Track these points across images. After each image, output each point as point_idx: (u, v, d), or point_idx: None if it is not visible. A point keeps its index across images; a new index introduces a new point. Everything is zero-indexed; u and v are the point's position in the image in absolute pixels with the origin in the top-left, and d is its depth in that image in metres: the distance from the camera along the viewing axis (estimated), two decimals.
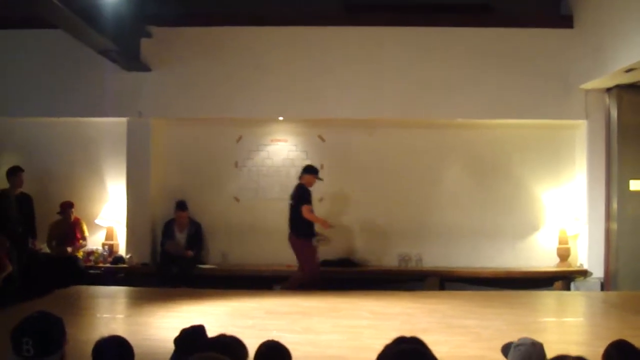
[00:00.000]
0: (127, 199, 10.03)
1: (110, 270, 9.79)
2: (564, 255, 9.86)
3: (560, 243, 9.91)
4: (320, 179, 9.31)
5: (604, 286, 9.51)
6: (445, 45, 9.87)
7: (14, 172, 9.30)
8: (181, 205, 9.84)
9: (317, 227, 9.22)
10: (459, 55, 9.83)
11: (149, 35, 9.84)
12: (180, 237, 9.84)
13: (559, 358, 2.21)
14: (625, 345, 3.43)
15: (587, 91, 9.64)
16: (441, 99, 9.83)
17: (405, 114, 9.97)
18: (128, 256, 9.93)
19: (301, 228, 9.10)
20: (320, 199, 10.06)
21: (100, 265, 9.85)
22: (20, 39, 9.85)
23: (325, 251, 9.67)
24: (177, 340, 3.48)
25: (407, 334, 3.32)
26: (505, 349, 3.45)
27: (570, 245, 9.94)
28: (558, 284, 9.73)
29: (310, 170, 9.29)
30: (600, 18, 9.02)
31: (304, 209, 9.04)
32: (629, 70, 8.40)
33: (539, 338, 3.39)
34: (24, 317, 2.96)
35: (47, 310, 3.07)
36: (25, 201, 9.34)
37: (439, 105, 9.86)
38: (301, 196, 9.13)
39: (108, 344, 3.31)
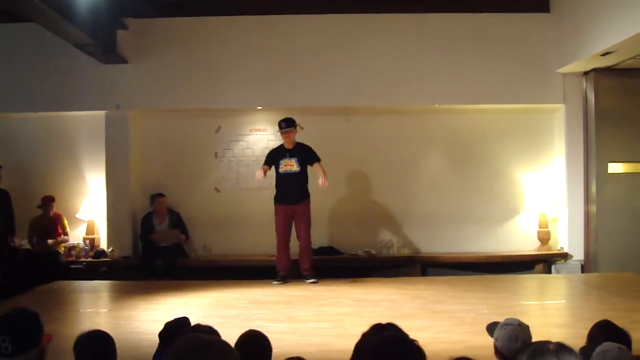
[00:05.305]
0: (107, 192, 9.97)
1: (93, 265, 9.74)
2: (544, 238, 9.93)
3: (540, 226, 9.97)
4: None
5: (584, 268, 9.60)
6: (423, 32, 9.88)
7: None
8: (158, 194, 9.81)
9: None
10: (437, 41, 9.83)
11: (125, 27, 9.75)
12: (162, 228, 9.78)
13: (540, 344, 2.22)
14: (610, 326, 3.49)
15: (565, 75, 9.69)
16: (419, 85, 9.84)
17: (383, 101, 9.97)
18: (110, 250, 9.87)
19: None
20: None
21: (82, 259, 9.79)
22: None
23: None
24: (162, 335, 3.48)
25: (391, 321, 3.34)
26: (491, 328, 3.49)
27: (551, 228, 10.00)
28: (539, 267, 9.81)
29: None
30: (576, 2, 9.06)
31: None
32: (605, 54, 8.45)
33: (521, 321, 3.43)
34: None
35: (22, 307, 3.05)
36: (3, 197, 9.20)
37: (417, 91, 9.87)
38: None
39: (89, 339, 3.30)
